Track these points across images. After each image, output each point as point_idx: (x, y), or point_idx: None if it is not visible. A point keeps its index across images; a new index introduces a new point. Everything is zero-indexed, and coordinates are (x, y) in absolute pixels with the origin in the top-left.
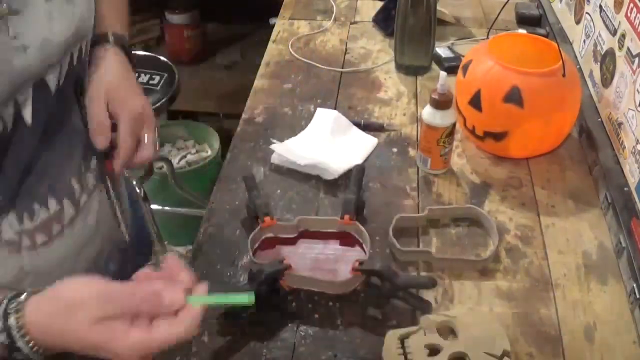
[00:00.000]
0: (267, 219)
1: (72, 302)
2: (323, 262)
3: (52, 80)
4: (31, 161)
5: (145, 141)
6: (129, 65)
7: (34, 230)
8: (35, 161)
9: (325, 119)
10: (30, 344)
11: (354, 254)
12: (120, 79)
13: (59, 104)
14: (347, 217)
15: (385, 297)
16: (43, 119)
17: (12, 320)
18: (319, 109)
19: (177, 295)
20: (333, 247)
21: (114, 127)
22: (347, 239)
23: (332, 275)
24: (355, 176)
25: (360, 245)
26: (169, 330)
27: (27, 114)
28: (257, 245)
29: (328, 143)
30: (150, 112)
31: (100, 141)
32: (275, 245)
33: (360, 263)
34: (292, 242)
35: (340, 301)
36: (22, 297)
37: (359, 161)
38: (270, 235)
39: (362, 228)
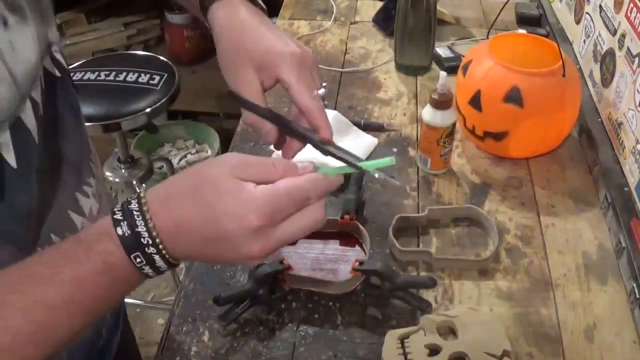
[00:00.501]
0: None
1: (206, 163)
2: (323, 262)
3: (27, 118)
4: (23, 207)
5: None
6: (255, 8)
7: None
8: (33, 205)
9: None
10: (152, 227)
11: (354, 254)
12: (259, 27)
13: (43, 140)
14: (347, 217)
15: (385, 297)
16: (29, 161)
17: (133, 204)
18: None
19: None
20: (333, 247)
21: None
22: (347, 239)
23: (332, 275)
24: (355, 176)
25: (360, 245)
26: (299, 182)
27: (11, 158)
28: None
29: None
30: (307, 51)
31: (269, 136)
32: None
33: (360, 263)
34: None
35: (340, 301)
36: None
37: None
38: None
39: (362, 228)
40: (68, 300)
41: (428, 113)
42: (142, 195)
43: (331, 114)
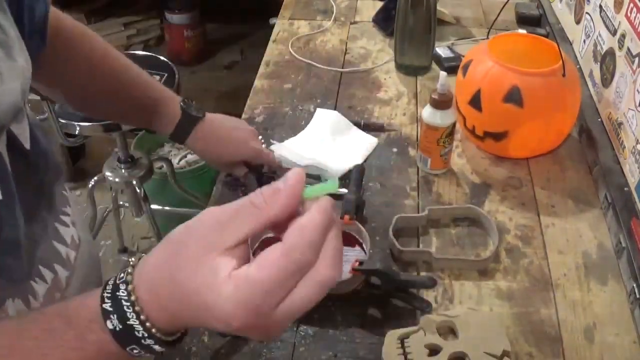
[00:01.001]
0: None
1: (183, 239)
2: None
3: (3, 146)
4: (17, 238)
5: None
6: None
7: (42, 307)
8: (20, 237)
9: (325, 119)
10: (143, 317)
11: (354, 254)
12: (231, 139)
13: (19, 172)
14: (346, 217)
15: (385, 297)
16: (9, 192)
17: (121, 291)
18: (318, 109)
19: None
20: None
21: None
22: (347, 239)
23: None
24: (355, 176)
25: (360, 245)
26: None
27: None
28: (257, 245)
29: (328, 143)
30: (251, 132)
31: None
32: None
33: (360, 263)
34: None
35: (340, 301)
36: (132, 264)
37: (359, 161)
38: (270, 235)
39: (362, 228)
40: None
41: (428, 113)
42: (129, 281)
43: (331, 114)
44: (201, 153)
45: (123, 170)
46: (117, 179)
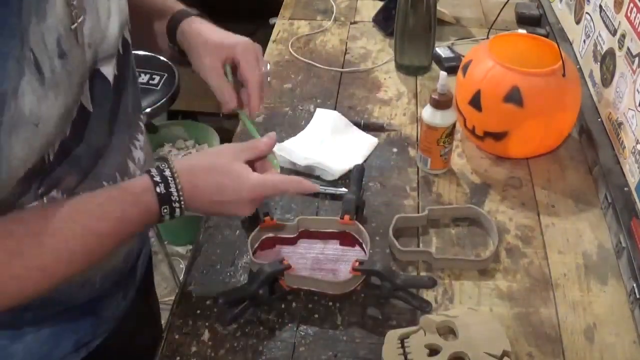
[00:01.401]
0: (267, 219)
1: (216, 150)
2: (323, 262)
3: (109, 71)
4: (101, 146)
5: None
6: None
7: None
8: (104, 146)
9: (325, 119)
10: (180, 189)
11: (354, 254)
12: (220, 33)
13: (117, 91)
14: (347, 217)
15: (385, 297)
16: (106, 107)
17: (167, 172)
18: (318, 109)
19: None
20: (333, 247)
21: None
22: (347, 239)
23: (332, 275)
24: (355, 176)
25: (360, 245)
26: (279, 179)
27: (87, 102)
28: (257, 245)
29: (328, 143)
30: (251, 41)
31: (230, 104)
32: (275, 245)
33: (360, 263)
34: (292, 242)
35: (340, 301)
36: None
37: (359, 161)
38: (270, 235)
39: (362, 228)
40: (114, 232)
41: (428, 113)
42: (172, 165)
43: (331, 113)
44: (186, 49)
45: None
46: None
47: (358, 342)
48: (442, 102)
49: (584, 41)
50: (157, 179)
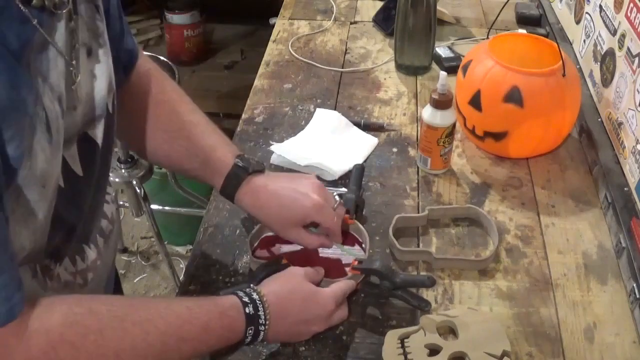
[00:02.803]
0: None
1: (289, 277)
2: (321, 260)
3: (97, 134)
4: (88, 208)
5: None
6: (267, 173)
7: (87, 270)
8: (91, 207)
9: (325, 119)
10: (267, 313)
11: (353, 253)
12: (289, 193)
13: (104, 154)
14: (346, 216)
15: (384, 296)
16: (94, 170)
17: (255, 295)
18: (318, 109)
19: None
20: (333, 246)
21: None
22: (346, 238)
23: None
24: (355, 175)
25: (360, 245)
26: (343, 287)
27: (77, 167)
28: (256, 244)
29: (328, 143)
30: (316, 189)
31: (327, 246)
32: (275, 244)
33: (359, 262)
34: (291, 241)
35: None
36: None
37: (360, 161)
38: (269, 234)
39: (362, 227)
40: (194, 339)
41: (428, 113)
42: (259, 290)
43: (331, 113)
44: (252, 211)
45: (123, 170)
46: (117, 179)
47: (358, 342)
48: (442, 102)
49: (584, 41)
50: (246, 299)
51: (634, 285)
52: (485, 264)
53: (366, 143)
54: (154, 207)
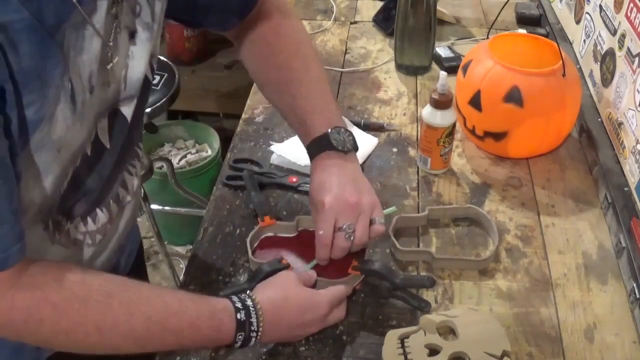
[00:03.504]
0: (266, 218)
1: (283, 283)
2: None
3: (127, 111)
4: (108, 177)
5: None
6: (352, 163)
7: (96, 232)
8: (110, 176)
9: None
10: (261, 321)
11: (353, 256)
12: (340, 190)
13: (132, 129)
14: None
15: (384, 296)
16: (120, 143)
17: (249, 302)
18: None
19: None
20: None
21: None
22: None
23: (330, 274)
24: None
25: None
26: (338, 290)
27: (105, 139)
28: (256, 244)
29: None
30: (373, 202)
31: (324, 256)
32: (275, 245)
33: (359, 263)
34: (291, 241)
35: None
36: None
37: (360, 161)
38: (269, 234)
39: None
40: (178, 333)
41: (428, 113)
42: (254, 297)
43: None
44: (312, 177)
45: None
46: None
47: (358, 342)
48: (442, 102)
49: (584, 41)
50: (239, 305)
51: (634, 285)
52: (486, 264)
53: (366, 143)
54: (154, 207)
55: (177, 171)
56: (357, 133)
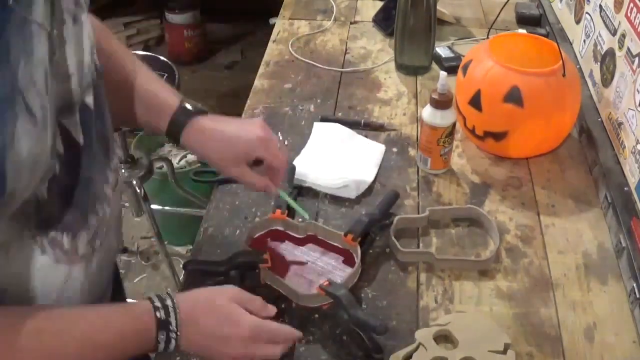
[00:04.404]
0: (278, 211)
1: (214, 291)
2: (306, 270)
3: (90, 100)
4: (89, 178)
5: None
6: (211, 115)
7: (93, 239)
8: (90, 177)
9: (327, 133)
10: (178, 319)
11: (341, 274)
12: (231, 129)
13: (98, 118)
14: (349, 236)
15: (341, 326)
16: (92, 137)
17: (168, 301)
18: (315, 124)
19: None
20: (327, 261)
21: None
22: (349, 257)
23: (307, 286)
24: (385, 200)
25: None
26: (276, 326)
27: (79, 136)
28: (263, 233)
29: (339, 158)
30: (261, 126)
31: (271, 189)
32: (281, 238)
33: (330, 283)
34: (296, 241)
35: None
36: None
37: (374, 171)
38: (279, 228)
39: (359, 252)
40: (110, 346)
41: (428, 113)
42: (174, 296)
43: (333, 126)
44: (198, 149)
45: (123, 170)
46: None
47: (358, 343)
48: (442, 102)
49: (584, 41)
50: (158, 304)
51: (634, 285)
52: (487, 265)
53: (375, 151)
54: (154, 207)
55: (177, 171)
56: (364, 142)
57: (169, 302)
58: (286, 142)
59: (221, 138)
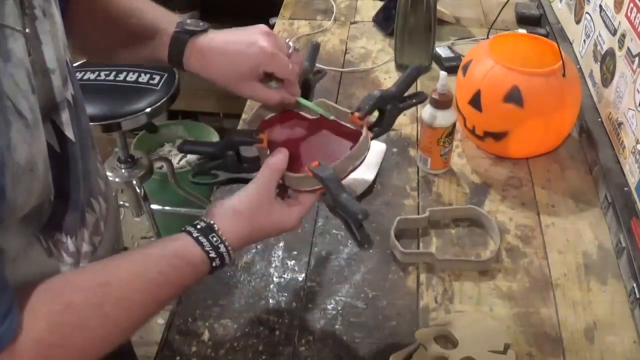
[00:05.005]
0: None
1: (249, 195)
2: (317, 156)
3: (70, 94)
4: (80, 175)
5: (293, 55)
6: (211, 31)
7: (93, 235)
8: (84, 171)
9: None
10: (232, 257)
11: (338, 148)
12: (235, 44)
13: (77, 112)
14: (356, 114)
15: (330, 208)
16: (79, 131)
17: (222, 248)
18: None
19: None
20: (335, 147)
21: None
22: (343, 133)
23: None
24: (404, 76)
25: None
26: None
27: (70, 133)
28: (272, 116)
29: None
30: (265, 34)
31: (289, 102)
32: (293, 119)
33: (320, 164)
34: (305, 120)
35: (341, 302)
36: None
37: (374, 171)
38: (268, 116)
39: (367, 133)
40: (173, 295)
41: (428, 113)
42: (225, 240)
43: None
44: (202, 73)
45: (123, 170)
46: (117, 179)
47: (358, 342)
48: (442, 102)
49: (584, 41)
50: (213, 254)
51: (634, 285)
52: (488, 265)
53: (376, 150)
54: (154, 207)
55: (177, 171)
56: None
57: (222, 250)
58: (297, 48)
59: (223, 60)
